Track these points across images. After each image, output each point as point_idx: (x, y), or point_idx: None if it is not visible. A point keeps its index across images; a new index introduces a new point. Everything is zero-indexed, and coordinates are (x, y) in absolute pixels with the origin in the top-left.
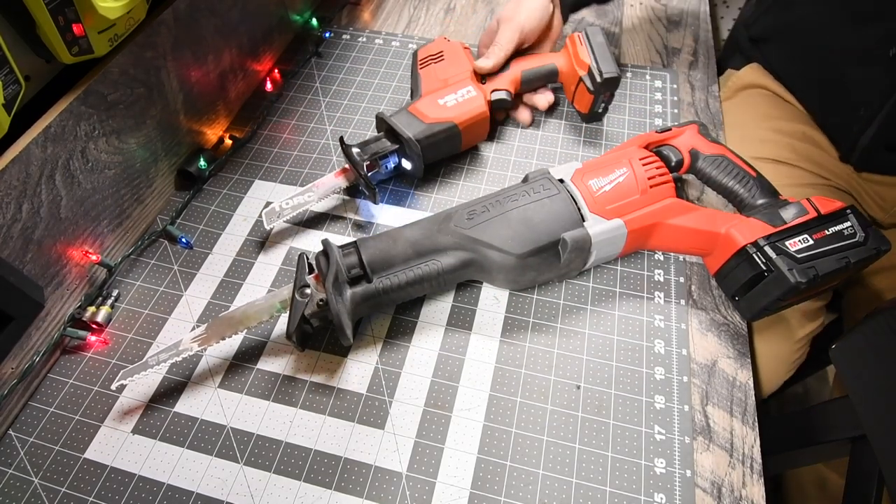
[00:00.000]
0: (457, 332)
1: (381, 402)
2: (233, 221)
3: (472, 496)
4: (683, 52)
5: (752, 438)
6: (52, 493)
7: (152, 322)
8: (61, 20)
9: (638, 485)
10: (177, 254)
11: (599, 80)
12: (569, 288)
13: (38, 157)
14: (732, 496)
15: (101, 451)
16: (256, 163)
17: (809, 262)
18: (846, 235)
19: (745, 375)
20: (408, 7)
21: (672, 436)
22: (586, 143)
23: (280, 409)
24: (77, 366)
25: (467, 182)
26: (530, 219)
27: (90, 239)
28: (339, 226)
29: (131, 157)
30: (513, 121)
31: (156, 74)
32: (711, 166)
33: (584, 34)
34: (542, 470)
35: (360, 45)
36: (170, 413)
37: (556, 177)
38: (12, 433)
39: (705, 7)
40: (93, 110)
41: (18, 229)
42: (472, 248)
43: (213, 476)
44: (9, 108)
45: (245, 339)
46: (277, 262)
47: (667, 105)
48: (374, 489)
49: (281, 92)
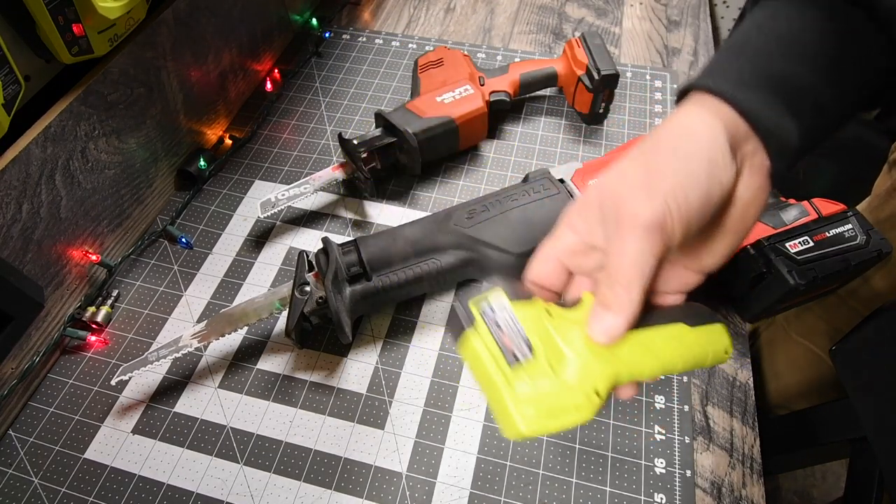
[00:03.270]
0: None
1: (381, 401)
2: (233, 221)
3: (472, 496)
4: (683, 52)
5: (752, 438)
6: (52, 493)
7: (152, 322)
8: (61, 20)
9: (638, 485)
10: (177, 254)
11: (598, 77)
12: None
13: (38, 157)
14: (732, 496)
15: (101, 451)
16: (256, 163)
17: (809, 264)
18: (847, 238)
19: (745, 375)
20: (408, 7)
21: (672, 436)
22: (586, 143)
23: (280, 408)
24: (77, 366)
25: (467, 182)
26: (530, 218)
27: (90, 239)
28: (338, 225)
29: (131, 157)
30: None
31: (156, 74)
32: None
33: (581, 37)
34: (542, 470)
35: (360, 45)
36: (170, 413)
37: (557, 177)
38: (12, 433)
39: (705, 7)
40: (93, 110)
41: (18, 229)
42: (472, 248)
43: (213, 476)
44: (9, 108)
45: (245, 339)
46: (277, 261)
47: (667, 105)
48: (374, 489)
49: (281, 92)
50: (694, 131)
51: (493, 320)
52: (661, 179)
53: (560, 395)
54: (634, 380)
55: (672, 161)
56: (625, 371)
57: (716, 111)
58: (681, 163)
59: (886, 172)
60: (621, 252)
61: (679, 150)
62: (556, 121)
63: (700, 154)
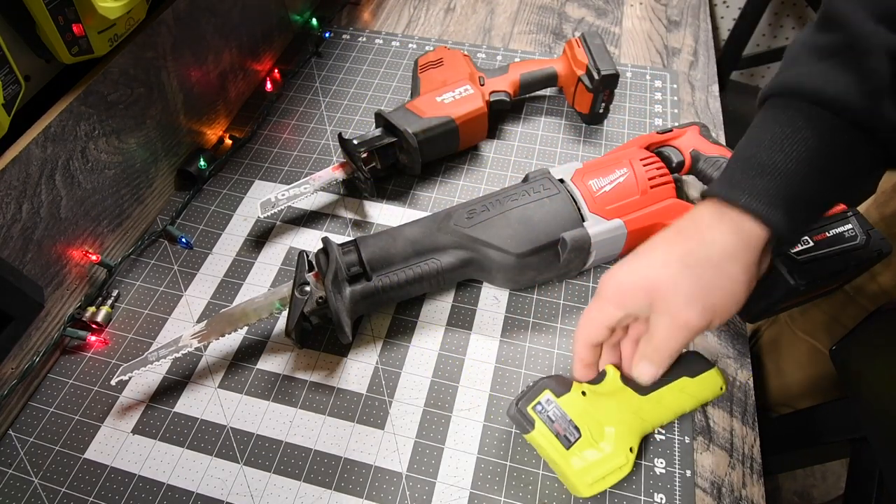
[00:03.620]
0: (457, 331)
1: (381, 401)
2: (233, 221)
3: (472, 496)
4: (683, 52)
5: (752, 438)
6: (52, 493)
7: (152, 322)
8: (61, 20)
9: (638, 485)
10: (177, 254)
11: (598, 77)
12: (569, 288)
13: (38, 157)
14: (732, 496)
15: (101, 451)
16: (256, 163)
17: (809, 264)
18: (847, 237)
19: (745, 375)
20: (408, 7)
21: (672, 436)
22: (586, 143)
23: (280, 408)
24: (77, 366)
25: (467, 182)
26: (530, 218)
27: (90, 239)
28: (338, 225)
29: (131, 157)
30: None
31: (156, 74)
32: (713, 167)
33: (581, 37)
34: (542, 470)
35: (360, 45)
36: (170, 413)
37: (557, 177)
38: (12, 433)
39: (705, 7)
40: (93, 110)
41: (18, 229)
42: (472, 248)
43: (213, 476)
44: (9, 108)
45: (245, 339)
46: (277, 261)
47: (667, 105)
48: (374, 489)
49: (281, 92)
50: (736, 255)
51: (547, 416)
52: (711, 298)
53: (606, 462)
54: (656, 428)
55: (719, 280)
56: (648, 426)
57: (748, 230)
58: (727, 283)
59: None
60: (669, 337)
61: (724, 271)
62: (556, 121)
63: (741, 276)
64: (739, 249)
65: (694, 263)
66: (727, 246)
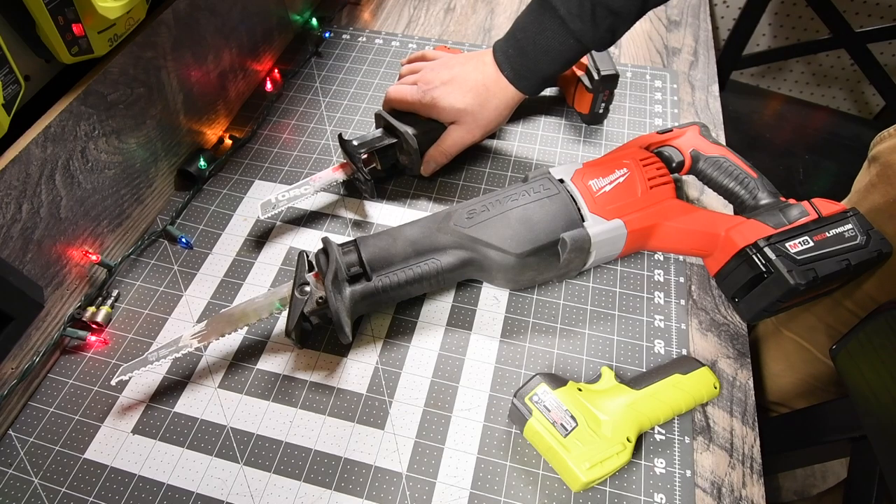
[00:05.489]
0: (457, 331)
1: (381, 402)
2: (233, 221)
3: (472, 496)
4: (683, 52)
5: (752, 438)
6: (52, 494)
7: (152, 322)
8: (61, 20)
9: (638, 485)
10: (177, 254)
11: (597, 77)
12: (569, 288)
13: (38, 157)
14: (732, 496)
15: (101, 451)
16: (256, 163)
17: (809, 265)
18: (847, 238)
19: (745, 375)
20: (408, 7)
21: (672, 436)
22: (586, 143)
23: (280, 409)
24: (77, 366)
25: (467, 182)
26: (530, 218)
27: (90, 239)
28: (338, 225)
29: (131, 157)
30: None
31: (156, 74)
32: (713, 167)
33: None
34: (542, 470)
35: (360, 45)
36: (170, 413)
37: (557, 177)
38: (12, 433)
39: (705, 7)
40: (93, 110)
41: (18, 229)
42: (472, 248)
43: (213, 476)
44: (9, 108)
45: (245, 339)
46: (277, 261)
47: (667, 105)
48: (374, 489)
49: (281, 92)
50: (505, 93)
51: (543, 405)
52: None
53: (603, 448)
54: (653, 425)
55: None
56: (645, 420)
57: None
58: (496, 111)
59: (866, 168)
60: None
61: (495, 101)
62: (556, 121)
63: (506, 110)
64: (509, 94)
65: (480, 89)
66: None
